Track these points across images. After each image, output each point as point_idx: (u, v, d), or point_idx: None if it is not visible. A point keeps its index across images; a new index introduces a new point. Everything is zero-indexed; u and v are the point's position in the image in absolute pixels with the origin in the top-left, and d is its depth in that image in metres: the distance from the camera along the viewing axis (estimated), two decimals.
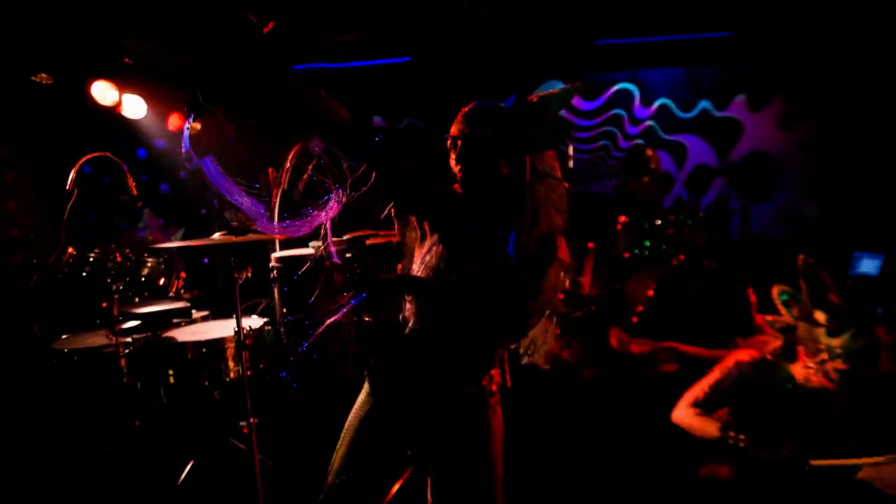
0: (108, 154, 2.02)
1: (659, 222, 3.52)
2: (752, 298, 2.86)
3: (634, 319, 3.36)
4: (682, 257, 3.42)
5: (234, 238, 1.92)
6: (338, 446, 1.40)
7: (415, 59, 3.83)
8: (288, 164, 3.55)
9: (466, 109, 1.39)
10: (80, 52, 3.01)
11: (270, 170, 3.44)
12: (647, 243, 3.50)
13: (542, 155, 1.32)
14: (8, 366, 2.18)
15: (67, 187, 1.84)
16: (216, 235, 1.94)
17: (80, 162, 1.90)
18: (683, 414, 1.95)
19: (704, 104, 4.50)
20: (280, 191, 3.41)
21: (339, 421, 1.44)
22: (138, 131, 3.95)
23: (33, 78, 2.96)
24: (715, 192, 4.55)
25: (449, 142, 1.38)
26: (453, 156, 1.38)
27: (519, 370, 2.58)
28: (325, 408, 2.26)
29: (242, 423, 1.96)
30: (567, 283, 3.76)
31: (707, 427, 1.86)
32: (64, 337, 2.19)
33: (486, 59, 3.87)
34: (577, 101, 4.69)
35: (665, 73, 4.48)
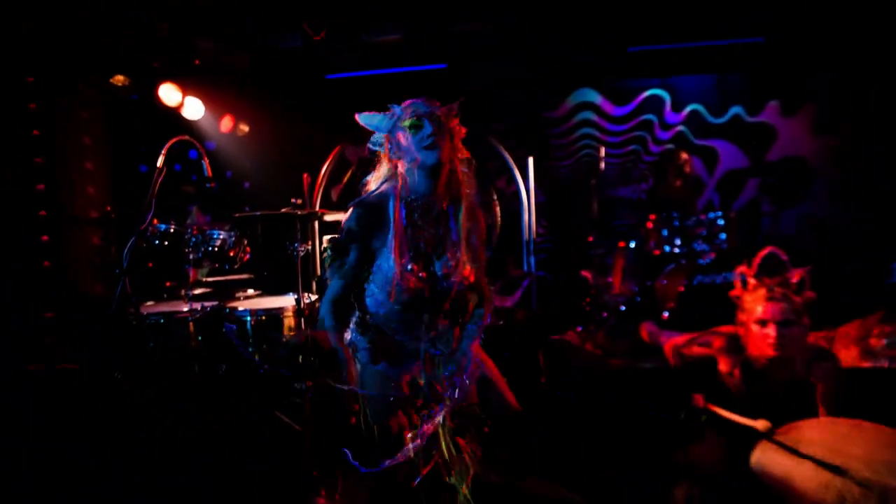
0: (190, 138, 2.25)
1: (691, 221, 3.57)
2: None
3: (664, 316, 3.40)
4: (713, 255, 3.46)
5: (298, 212, 2.10)
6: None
7: (451, 65, 3.98)
8: (324, 171, 3.76)
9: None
10: (153, 55, 3.32)
11: (306, 175, 3.64)
12: (679, 241, 3.56)
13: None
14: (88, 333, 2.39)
15: (158, 165, 2.06)
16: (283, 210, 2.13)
17: (171, 143, 2.13)
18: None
19: (736, 109, 4.55)
20: (318, 195, 3.61)
21: None
22: (195, 132, 4.25)
23: (111, 80, 3.27)
24: (747, 196, 4.57)
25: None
26: None
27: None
28: None
29: (298, 385, 2.10)
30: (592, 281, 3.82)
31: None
32: (149, 303, 2.40)
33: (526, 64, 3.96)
34: (608, 107, 4.80)
35: (696, 79, 4.56)
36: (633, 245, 3.78)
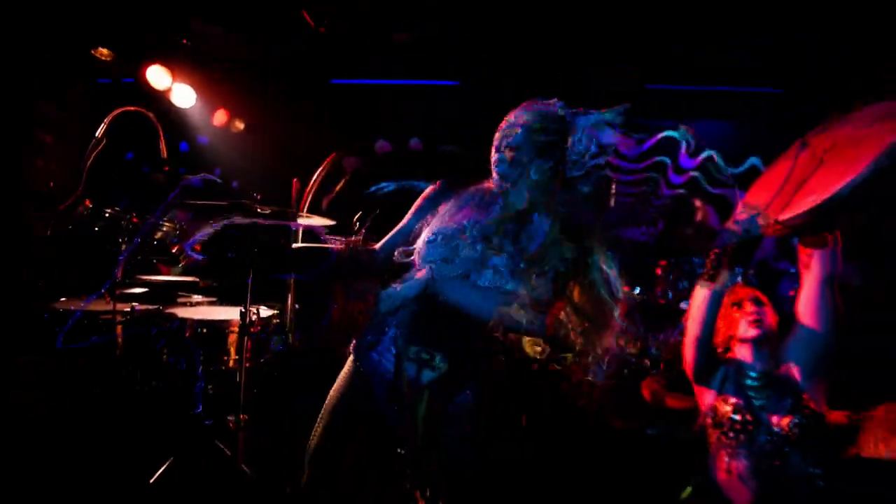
0: (142, 109, 1.97)
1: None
2: None
3: (662, 366, 3.06)
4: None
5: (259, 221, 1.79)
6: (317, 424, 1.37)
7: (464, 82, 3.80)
8: (315, 178, 3.51)
9: None
10: (140, 33, 3.09)
11: (296, 180, 3.38)
12: (686, 284, 3.24)
13: None
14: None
15: (97, 135, 1.77)
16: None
17: (115, 113, 1.85)
18: None
19: (754, 160, 4.31)
20: (306, 204, 3.35)
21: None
22: (184, 123, 4.01)
23: (93, 52, 3.03)
24: (763, 252, 4.28)
25: None
26: None
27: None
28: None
29: (230, 418, 1.75)
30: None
31: None
32: (63, 299, 2.06)
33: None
34: (622, 144, 4.59)
35: (715, 124, 4.36)
36: (637, 292, 3.45)
